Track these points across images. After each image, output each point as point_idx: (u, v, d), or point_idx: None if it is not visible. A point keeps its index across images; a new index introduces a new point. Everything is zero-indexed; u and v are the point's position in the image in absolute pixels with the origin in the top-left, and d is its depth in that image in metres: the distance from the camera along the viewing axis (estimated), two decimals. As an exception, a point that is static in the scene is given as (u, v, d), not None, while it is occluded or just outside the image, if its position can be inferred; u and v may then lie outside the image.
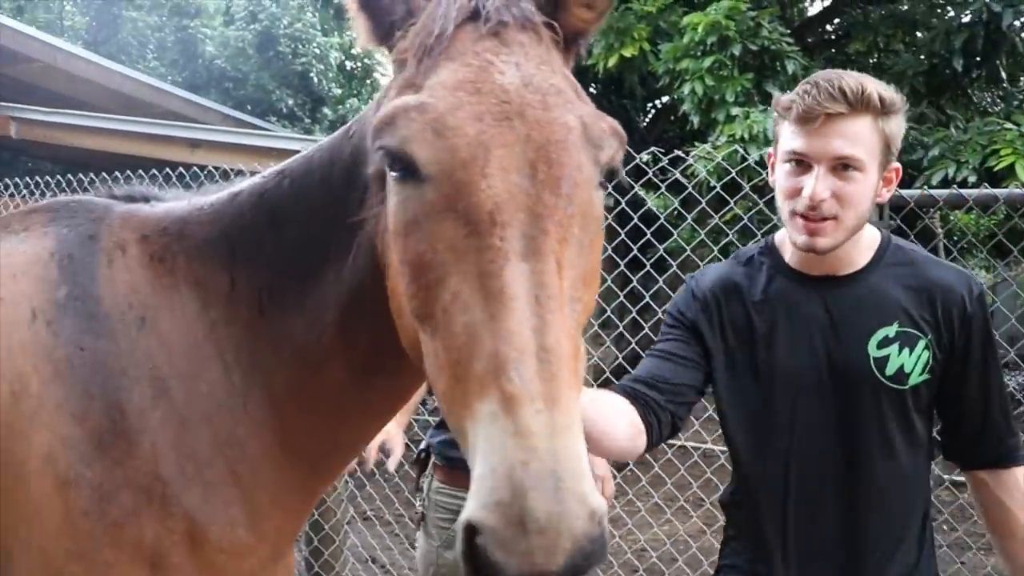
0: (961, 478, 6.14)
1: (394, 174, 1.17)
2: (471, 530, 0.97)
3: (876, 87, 1.70)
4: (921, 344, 1.73)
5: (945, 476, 6.66)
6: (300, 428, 1.53)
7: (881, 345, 1.74)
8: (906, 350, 1.73)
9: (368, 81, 19.22)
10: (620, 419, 1.72)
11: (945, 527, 5.02)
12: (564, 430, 0.98)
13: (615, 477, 3.02)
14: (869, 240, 1.82)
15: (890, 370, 1.73)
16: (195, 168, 5.61)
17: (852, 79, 1.69)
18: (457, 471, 2.61)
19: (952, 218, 6.42)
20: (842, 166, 1.68)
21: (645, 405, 1.77)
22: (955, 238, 8.17)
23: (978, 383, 1.77)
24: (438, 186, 1.12)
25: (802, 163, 1.71)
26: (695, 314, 1.88)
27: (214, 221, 1.56)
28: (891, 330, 1.74)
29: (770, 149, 1.86)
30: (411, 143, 1.14)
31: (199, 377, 1.49)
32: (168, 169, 5.17)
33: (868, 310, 1.76)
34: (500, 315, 1.04)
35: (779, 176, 1.77)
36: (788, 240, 1.83)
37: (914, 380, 1.74)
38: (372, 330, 1.42)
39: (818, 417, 1.77)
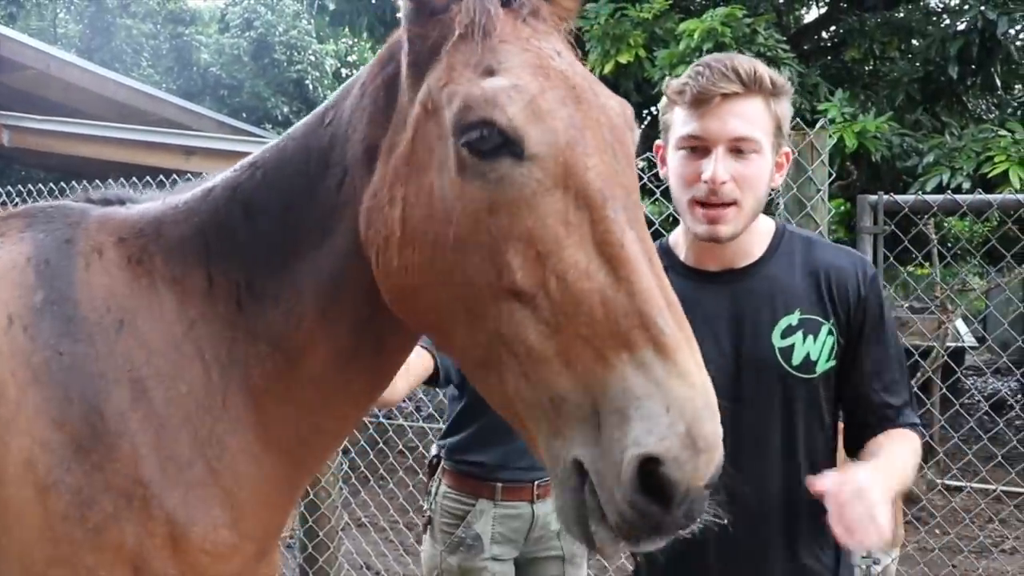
0: (953, 482, 6.14)
1: (478, 152, 1.19)
2: (652, 461, 1.08)
3: (766, 69, 1.68)
4: (824, 329, 1.70)
5: (937, 480, 6.67)
6: (281, 420, 1.52)
7: (785, 334, 1.70)
8: (810, 337, 1.70)
9: (364, 88, 19.24)
10: None
11: (937, 531, 5.02)
12: (703, 367, 1.15)
13: None
14: (764, 230, 1.79)
15: (796, 360, 1.70)
16: (189, 175, 5.60)
17: (744, 60, 1.66)
18: (465, 476, 2.63)
19: (946, 224, 6.43)
20: (739, 148, 1.64)
21: None
22: (949, 244, 8.19)
23: (872, 359, 1.73)
24: (545, 165, 1.19)
25: (698, 148, 1.67)
26: None
27: (189, 218, 1.55)
28: (793, 318, 1.71)
29: (658, 142, 1.80)
30: (520, 123, 1.19)
31: (178, 377, 1.48)
32: (162, 176, 5.15)
33: (769, 300, 1.72)
34: (632, 278, 1.14)
35: (674, 165, 1.71)
36: (683, 239, 1.81)
37: (822, 367, 1.70)
38: (354, 313, 1.44)
39: (731, 414, 1.64)
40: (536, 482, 2.61)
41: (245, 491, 1.51)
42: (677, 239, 1.84)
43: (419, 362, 2.35)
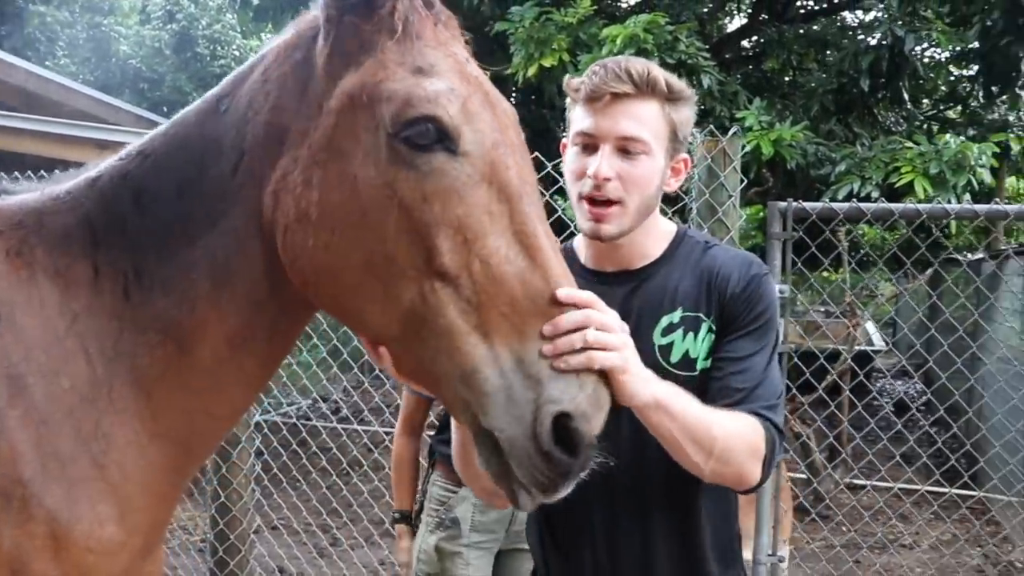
0: (858, 481, 6.34)
1: (416, 145, 1.30)
2: (564, 416, 1.26)
3: (664, 75, 1.68)
4: (704, 327, 1.69)
5: (839, 479, 6.89)
6: (172, 408, 1.50)
7: (665, 332, 1.70)
8: (691, 335, 1.69)
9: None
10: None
11: (844, 528, 5.18)
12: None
13: None
14: (664, 233, 1.79)
15: (675, 357, 1.68)
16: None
17: (639, 63, 1.67)
18: (451, 465, 2.71)
19: (854, 232, 6.64)
20: (627, 148, 1.66)
21: None
22: (863, 251, 8.48)
23: (730, 352, 1.68)
24: (475, 162, 1.32)
25: (589, 145, 1.69)
26: None
27: (74, 208, 1.51)
28: (675, 316, 1.70)
29: (564, 139, 1.84)
30: (458, 122, 1.32)
31: (60, 372, 1.44)
32: (73, 170, 5.01)
33: (657, 300, 1.73)
34: (546, 264, 1.31)
35: (567, 159, 1.75)
36: (583, 241, 1.83)
37: (701, 365, 1.68)
38: (248, 296, 1.45)
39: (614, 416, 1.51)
40: None
41: (132, 484, 1.48)
42: (581, 241, 1.85)
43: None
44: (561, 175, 2.07)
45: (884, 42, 8.03)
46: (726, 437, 1.55)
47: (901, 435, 4.87)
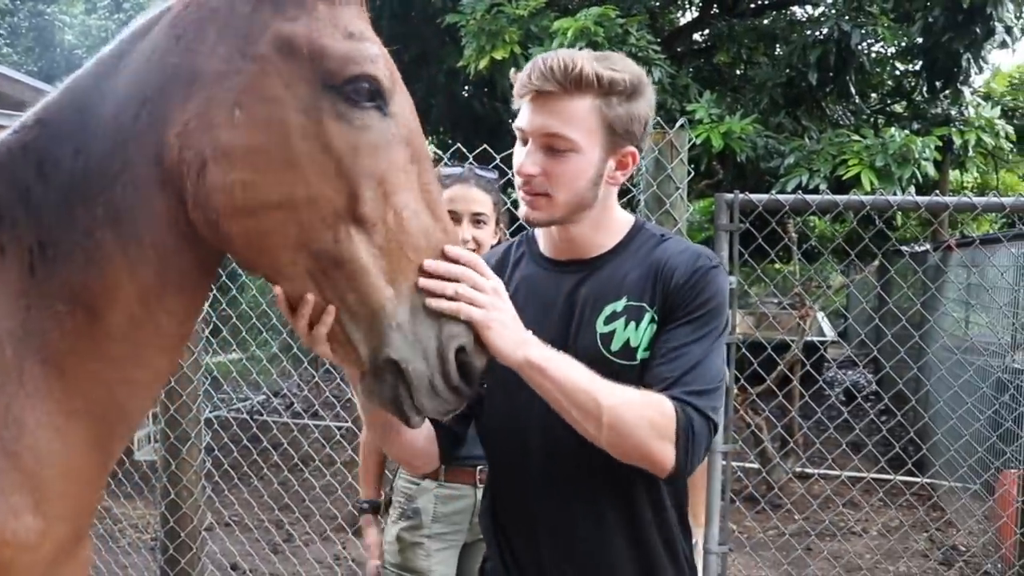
0: (808, 470, 6.44)
1: (353, 98, 1.40)
2: (461, 351, 1.44)
3: (600, 69, 1.64)
4: (647, 317, 1.69)
5: (788, 468, 7.00)
6: (89, 381, 1.44)
7: (608, 320, 1.70)
8: (632, 324, 1.69)
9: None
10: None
11: (794, 516, 5.27)
12: None
13: None
14: (620, 224, 1.80)
15: (615, 345, 1.69)
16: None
17: (570, 59, 1.64)
18: None
19: (799, 224, 6.74)
20: (551, 145, 1.66)
21: None
22: (813, 243, 8.60)
23: (666, 340, 1.66)
24: (399, 124, 1.45)
25: (523, 140, 1.73)
26: None
27: None
28: (619, 305, 1.71)
29: None
30: (391, 84, 1.45)
31: None
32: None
33: (604, 289, 1.74)
34: (445, 221, 1.50)
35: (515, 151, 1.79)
36: (541, 230, 1.86)
37: (642, 355, 1.68)
38: (156, 248, 1.42)
39: (540, 401, 1.62)
40: (478, 467, 2.66)
41: (51, 470, 1.42)
42: (540, 230, 1.87)
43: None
44: (511, 168, 2.13)
45: (831, 37, 8.15)
46: (616, 407, 1.53)
47: (850, 424, 4.97)
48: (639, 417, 1.55)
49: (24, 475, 1.40)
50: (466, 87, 10.86)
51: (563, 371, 1.55)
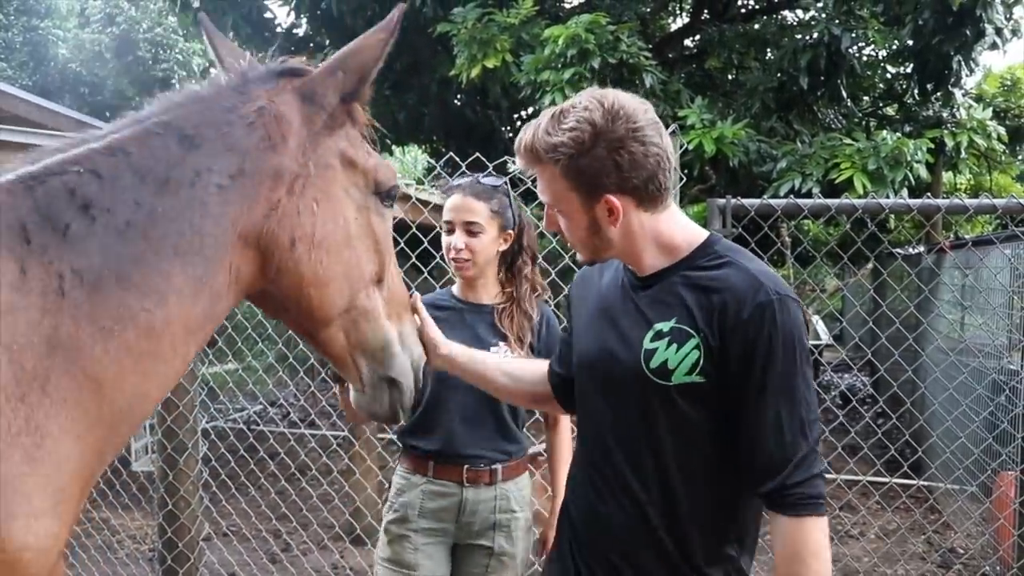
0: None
1: (385, 201, 1.93)
2: (393, 382, 1.98)
3: (537, 140, 1.80)
4: (691, 343, 1.71)
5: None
6: (120, 392, 1.56)
7: (654, 339, 1.75)
8: (674, 346, 1.72)
9: (234, 88, 18.67)
10: (529, 377, 2.25)
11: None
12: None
13: None
14: (682, 243, 1.81)
15: (655, 363, 1.74)
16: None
17: (523, 137, 1.85)
18: (408, 456, 2.91)
19: (791, 228, 6.76)
20: (550, 210, 1.90)
21: (552, 372, 2.19)
22: (801, 246, 8.63)
23: (753, 400, 1.68)
24: (391, 216, 1.97)
25: None
26: (567, 314, 2.19)
27: (8, 211, 1.51)
28: (667, 325, 1.75)
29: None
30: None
31: None
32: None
33: (656, 306, 1.79)
34: (401, 279, 2.05)
35: None
36: None
37: (679, 378, 1.72)
38: (213, 291, 1.66)
39: (603, 405, 1.89)
40: (465, 466, 2.79)
41: (67, 475, 1.49)
42: None
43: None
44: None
45: (822, 41, 8.18)
46: None
47: (846, 427, 4.98)
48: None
49: (45, 479, 1.46)
50: (458, 96, 10.88)
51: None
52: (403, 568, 2.80)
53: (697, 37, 10.97)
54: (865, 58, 9.67)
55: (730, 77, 10.84)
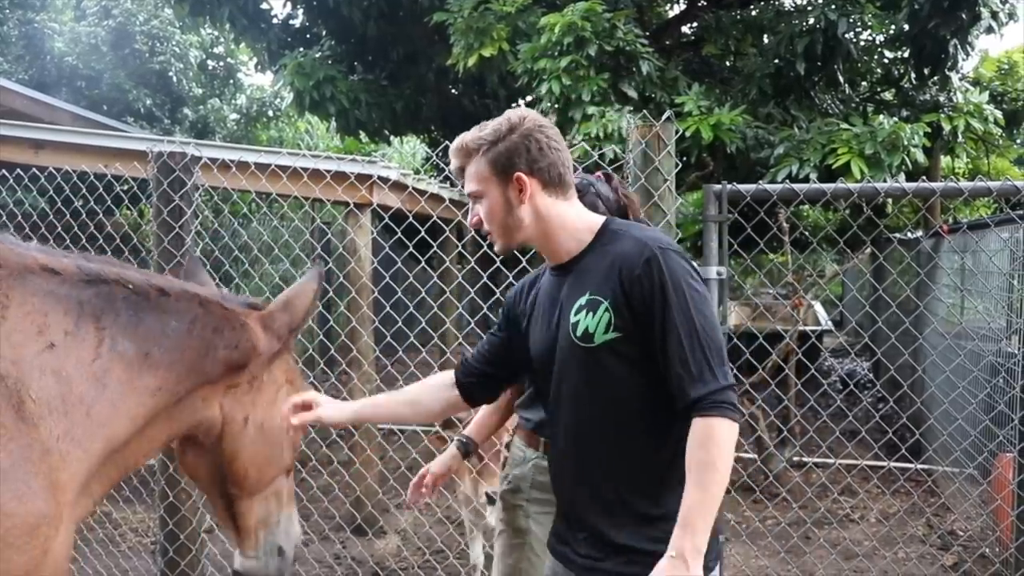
0: (804, 459, 6.44)
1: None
2: (281, 551, 2.55)
3: (472, 137, 2.17)
4: (602, 308, 2.08)
5: (783, 457, 7.02)
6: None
7: (576, 312, 2.12)
8: (591, 314, 2.08)
9: (231, 81, 18.66)
10: (427, 394, 2.59)
11: (793, 505, 5.30)
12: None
13: None
14: (584, 231, 2.20)
15: (579, 331, 2.11)
16: (34, 170, 5.35)
17: (457, 141, 2.21)
18: (523, 430, 3.04)
19: (787, 213, 6.74)
20: (474, 197, 2.23)
21: (465, 370, 2.52)
22: (806, 233, 8.62)
23: (659, 338, 2.02)
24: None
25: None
26: (504, 322, 2.47)
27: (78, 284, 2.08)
28: (584, 299, 2.12)
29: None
30: None
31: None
32: (5, 171, 4.91)
33: (577, 285, 2.16)
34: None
35: None
36: None
37: (600, 338, 2.08)
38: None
39: (554, 384, 2.22)
40: None
41: (84, 478, 2.02)
42: None
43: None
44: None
45: (818, 26, 8.15)
46: (713, 486, 2.00)
47: (845, 411, 4.99)
48: (719, 474, 1.97)
49: (70, 479, 1.92)
50: (456, 85, 10.86)
51: (703, 520, 1.96)
52: (518, 533, 2.99)
53: (694, 24, 10.93)
54: (862, 43, 9.62)
55: (727, 63, 10.79)
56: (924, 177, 4.17)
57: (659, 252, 2.04)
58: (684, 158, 7.37)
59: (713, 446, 1.95)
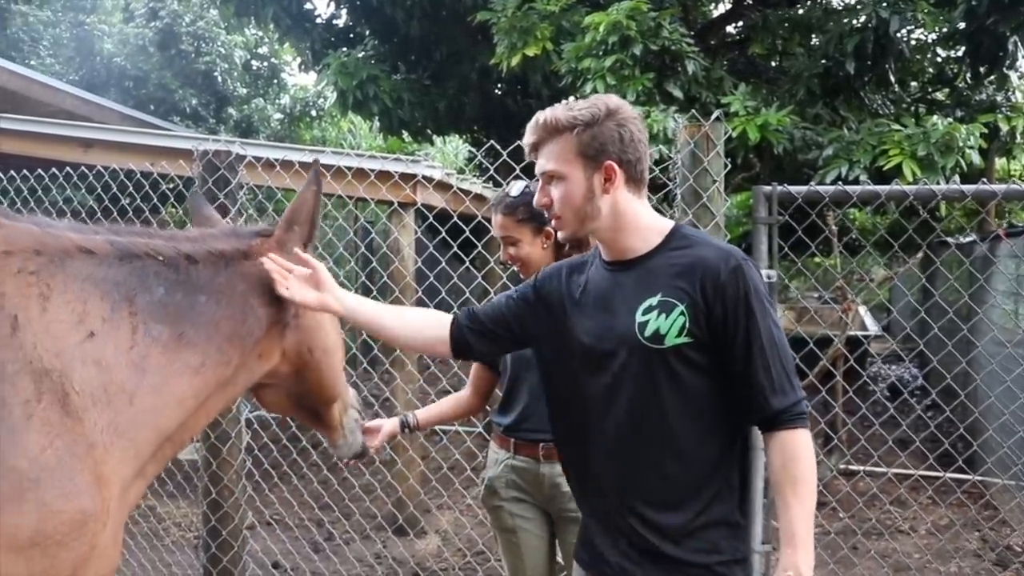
0: (853, 467, 6.30)
1: None
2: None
3: (564, 112, 2.09)
4: (676, 311, 2.04)
5: (832, 465, 6.86)
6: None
7: (645, 312, 2.07)
8: (663, 315, 2.04)
9: (275, 81, 18.83)
10: (424, 322, 2.44)
11: (842, 515, 5.17)
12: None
13: None
14: (654, 231, 2.15)
15: (648, 332, 2.05)
16: (83, 168, 5.40)
17: (545, 113, 2.11)
18: (497, 435, 3.14)
19: (839, 215, 6.60)
20: (550, 177, 2.14)
21: (456, 323, 2.38)
22: (854, 236, 8.45)
23: (742, 348, 2.02)
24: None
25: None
26: (532, 295, 2.33)
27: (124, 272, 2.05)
28: (654, 300, 2.07)
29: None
30: None
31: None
32: (55, 169, 4.96)
33: (642, 286, 2.10)
34: None
35: None
36: None
37: (670, 341, 2.04)
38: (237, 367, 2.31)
39: (602, 379, 2.13)
40: (540, 444, 2.98)
41: (136, 465, 2.02)
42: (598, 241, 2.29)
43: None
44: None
45: (869, 24, 7.96)
46: (810, 496, 2.06)
47: (896, 420, 4.86)
48: (812, 483, 2.02)
49: (111, 470, 1.89)
50: (499, 85, 10.83)
51: (808, 530, 2.01)
52: (506, 533, 3.07)
53: (740, 23, 10.78)
54: (914, 42, 9.41)
55: (774, 63, 10.63)
56: (983, 180, 4.02)
57: (743, 262, 2.05)
58: (729, 159, 7.22)
59: (803, 459, 2.00)
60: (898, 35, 8.07)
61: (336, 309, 2.34)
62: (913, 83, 10.19)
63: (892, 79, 8.81)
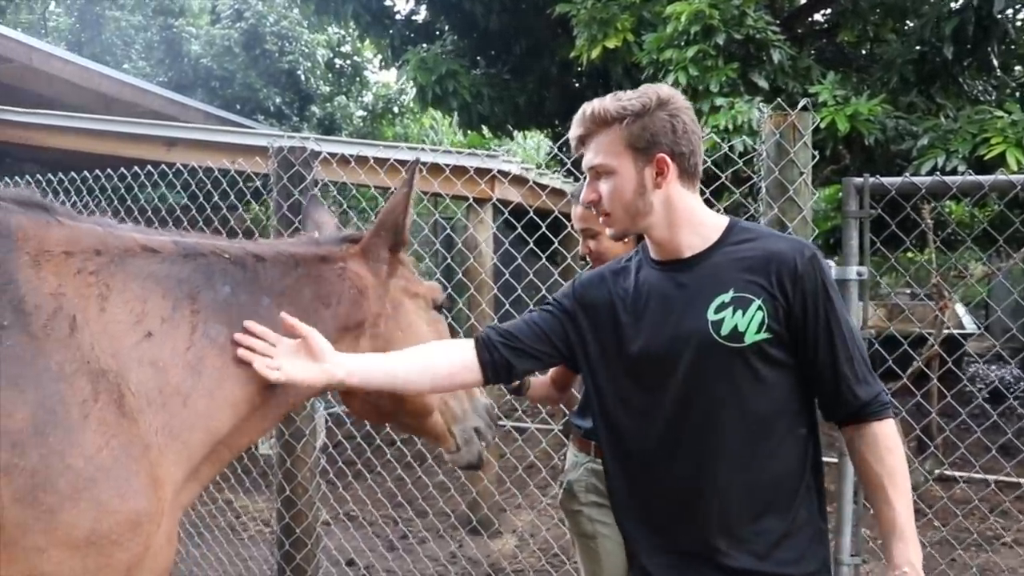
0: (949, 472, 5.99)
1: (439, 310, 2.55)
2: (478, 431, 2.56)
3: (614, 103, 1.99)
4: (754, 306, 1.94)
5: (925, 472, 6.53)
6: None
7: (718, 310, 1.95)
8: (739, 312, 1.94)
9: (358, 79, 19.05)
10: (441, 358, 2.14)
11: (938, 524, 4.89)
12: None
13: None
14: (711, 227, 2.05)
15: (725, 330, 1.94)
16: (163, 166, 5.48)
17: (594, 105, 2.02)
18: (576, 437, 3.07)
19: (938, 208, 6.26)
20: (598, 172, 2.04)
21: (486, 345, 2.14)
22: (950, 230, 8.04)
23: (824, 340, 1.95)
24: (443, 318, 2.57)
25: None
26: (572, 306, 2.17)
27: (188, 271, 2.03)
28: (727, 296, 1.96)
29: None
30: None
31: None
32: (137, 168, 5.04)
33: (708, 283, 1.99)
34: None
35: None
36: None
37: (750, 338, 1.94)
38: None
39: (674, 382, 1.99)
40: None
41: (187, 470, 1.97)
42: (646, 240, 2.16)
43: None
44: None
45: (970, 5, 7.55)
46: (905, 482, 2.00)
47: (998, 425, 4.56)
48: (905, 469, 1.98)
49: (166, 474, 1.87)
50: (579, 78, 10.68)
51: (911, 519, 1.95)
52: (584, 538, 2.95)
53: (829, 10, 10.41)
54: (1019, 23, 8.90)
55: (864, 51, 10.23)
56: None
57: (816, 253, 1.99)
58: (817, 151, 6.95)
59: (897, 450, 1.96)
60: (1002, 16, 7.62)
61: (342, 380, 2.00)
62: (1018, 67, 9.65)
63: (995, 63, 8.35)
